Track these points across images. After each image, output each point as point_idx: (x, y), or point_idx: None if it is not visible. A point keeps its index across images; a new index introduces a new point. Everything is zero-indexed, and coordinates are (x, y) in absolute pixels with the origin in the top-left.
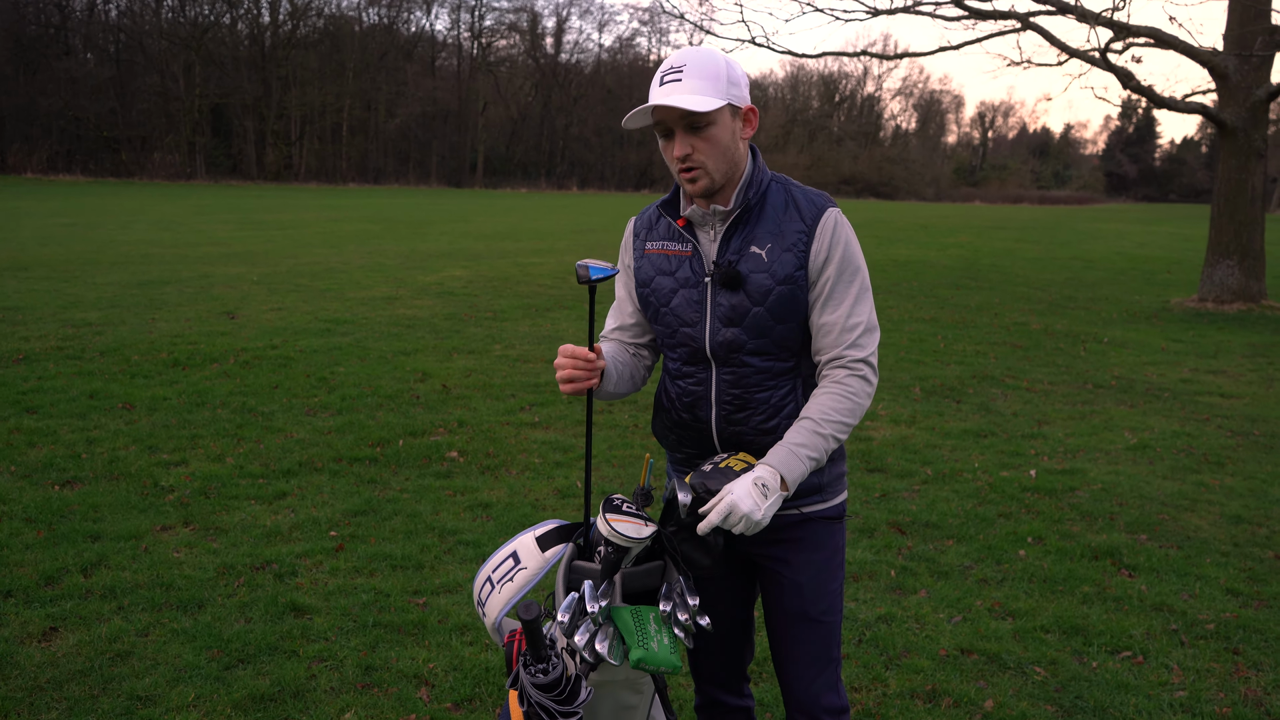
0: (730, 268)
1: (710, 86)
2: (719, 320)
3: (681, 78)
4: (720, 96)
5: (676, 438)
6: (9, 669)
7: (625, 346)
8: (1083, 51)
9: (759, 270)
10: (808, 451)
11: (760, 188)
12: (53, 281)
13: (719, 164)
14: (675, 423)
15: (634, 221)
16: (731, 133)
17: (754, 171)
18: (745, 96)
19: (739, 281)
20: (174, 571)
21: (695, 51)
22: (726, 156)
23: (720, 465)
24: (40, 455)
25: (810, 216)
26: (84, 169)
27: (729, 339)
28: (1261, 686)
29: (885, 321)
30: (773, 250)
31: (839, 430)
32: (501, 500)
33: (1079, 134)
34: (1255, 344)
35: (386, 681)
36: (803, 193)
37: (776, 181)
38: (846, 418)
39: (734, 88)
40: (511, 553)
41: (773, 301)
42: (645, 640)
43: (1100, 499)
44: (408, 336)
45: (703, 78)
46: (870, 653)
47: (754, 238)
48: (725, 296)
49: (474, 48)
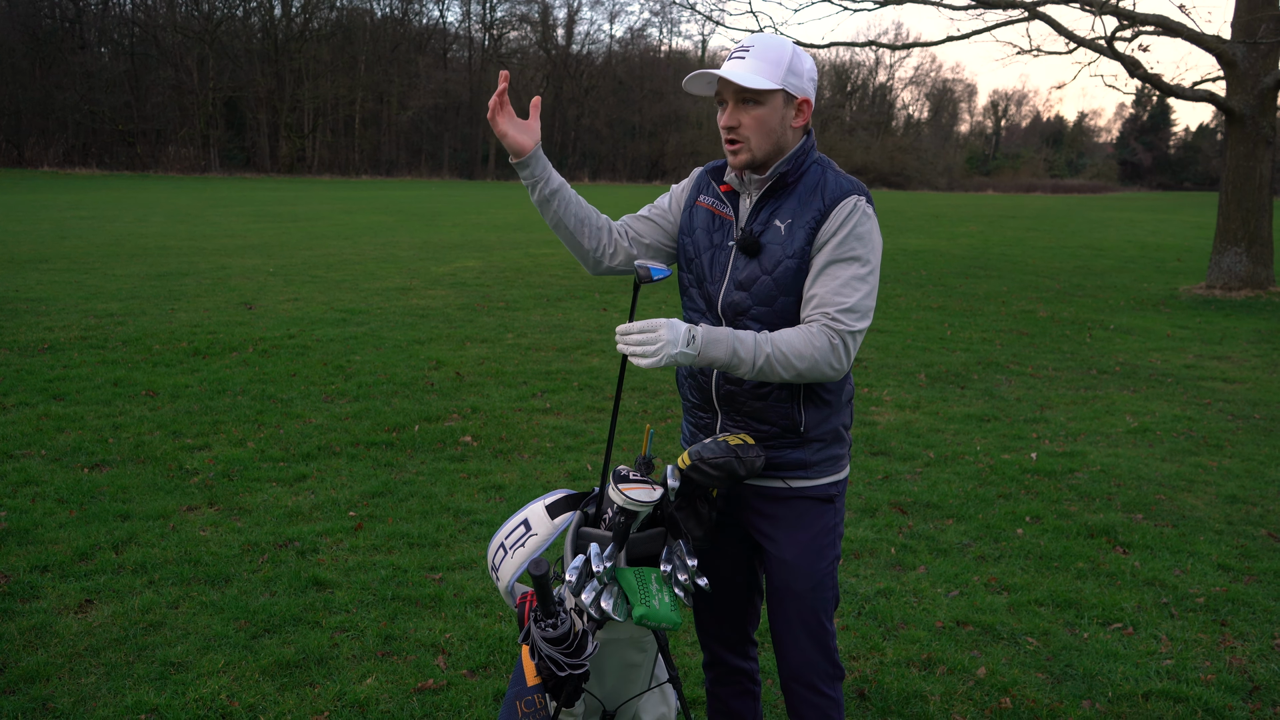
0: (752, 235)
1: (770, 69)
2: (733, 283)
3: (746, 56)
4: (775, 81)
5: (688, 387)
6: (49, 637)
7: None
8: (1090, 40)
9: (775, 242)
10: (736, 343)
11: (800, 168)
12: (73, 273)
13: (762, 142)
14: (687, 373)
15: (703, 169)
16: (781, 118)
17: (799, 152)
18: (805, 88)
19: (756, 249)
20: (201, 549)
21: (767, 35)
22: (771, 138)
23: (719, 440)
24: (69, 440)
25: (831, 199)
26: (100, 162)
27: (737, 301)
28: (1247, 656)
29: (893, 310)
30: (792, 226)
31: (781, 360)
32: (514, 482)
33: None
34: (1261, 330)
35: (405, 650)
36: (835, 177)
37: (818, 164)
38: (793, 357)
39: (793, 76)
40: (523, 520)
41: (780, 273)
42: (647, 598)
43: (1099, 480)
44: (422, 326)
45: (765, 60)
46: (869, 624)
47: (780, 211)
48: (744, 262)
49: (485, 39)
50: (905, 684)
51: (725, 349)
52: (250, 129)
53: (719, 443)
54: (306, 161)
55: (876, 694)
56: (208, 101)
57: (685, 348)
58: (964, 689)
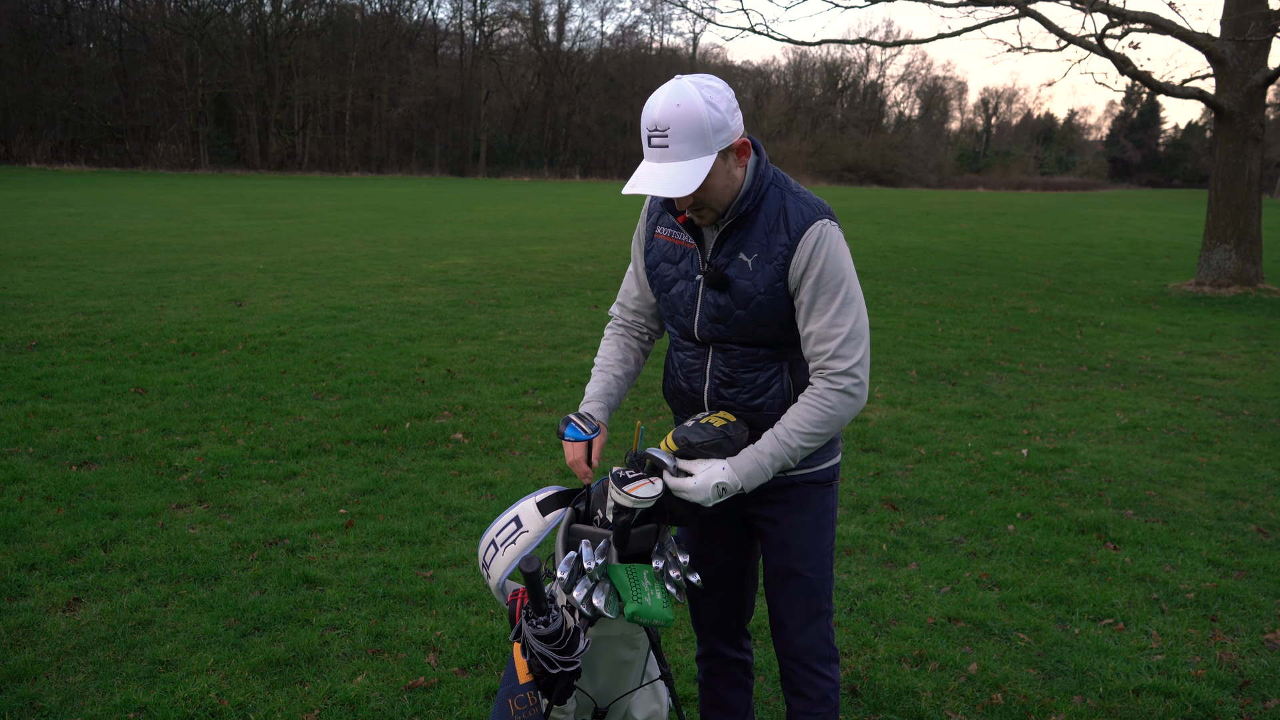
0: (718, 271)
1: (697, 146)
2: (707, 316)
3: (668, 143)
4: (708, 152)
5: (678, 402)
6: (36, 636)
7: (634, 327)
8: (1080, 37)
9: (744, 277)
10: (770, 461)
11: (756, 197)
12: (62, 270)
13: (721, 199)
14: (675, 389)
15: (650, 200)
16: (726, 173)
17: (753, 180)
18: (734, 132)
19: (725, 284)
20: (190, 546)
21: (676, 108)
22: (728, 191)
23: (701, 421)
24: (57, 437)
25: (796, 230)
26: (88, 159)
27: (716, 333)
28: (1237, 650)
29: (884, 307)
30: (758, 260)
31: (807, 440)
32: (505, 480)
33: (1083, 120)
34: (1250, 326)
35: (396, 648)
36: (796, 203)
37: (775, 187)
38: (817, 428)
39: (720, 134)
40: (514, 517)
41: (754, 308)
42: (639, 595)
43: (1089, 476)
44: (413, 323)
45: (688, 139)
46: (860, 621)
47: (744, 244)
48: (714, 296)
49: (476, 36)
50: (897, 680)
51: (761, 474)
52: (240, 126)
53: (704, 425)
54: (297, 158)
55: (868, 690)
56: (197, 98)
57: (724, 498)
58: (955, 685)
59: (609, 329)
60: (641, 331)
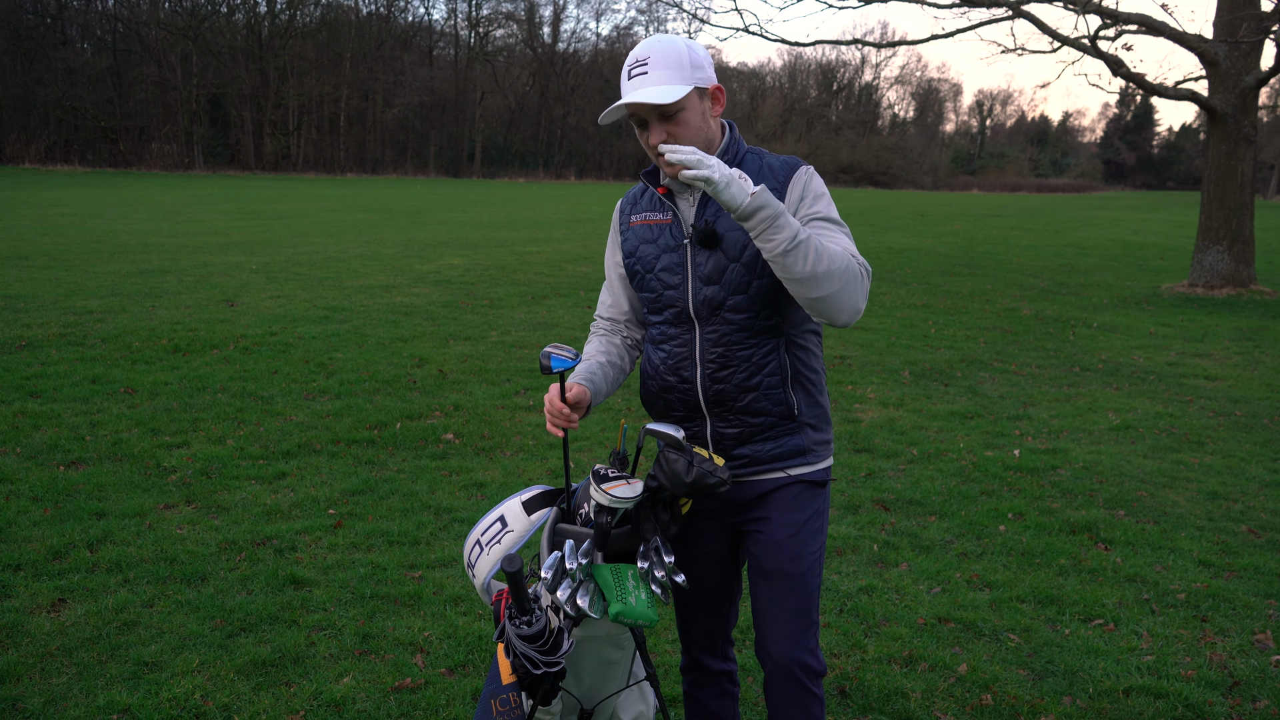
0: (708, 226)
1: (675, 75)
2: (699, 279)
3: (648, 70)
4: (686, 82)
5: (664, 403)
6: (20, 637)
7: (616, 329)
8: (1073, 39)
9: (734, 229)
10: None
11: (736, 157)
12: (53, 270)
13: (695, 140)
14: (662, 387)
15: (620, 201)
16: (701, 114)
17: (730, 143)
18: (710, 76)
19: (716, 240)
20: (177, 547)
21: (657, 41)
22: (700, 136)
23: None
24: (45, 437)
25: (783, 175)
26: (82, 159)
27: (709, 296)
28: (1227, 651)
29: (877, 307)
30: None
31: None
32: (496, 480)
33: (1077, 122)
34: (1242, 328)
35: (383, 649)
36: (777, 159)
37: (752, 153)
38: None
39: (698, 70)
40: (499, 517)
41: (749, 256)
42: (624, 595)
43: (1081, 477)
44: (405, 324)
45: (667, 67)
46: (850, 621)
47: None
48: (704, 255)
49: (471, 37)
50: (886, 681)
51: (776, 205)
52: (234, 126)
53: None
54: (291, 159)
55: (858, 691)
56: (191, 98)
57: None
58: (945, 686)
59: (591, 329)
60: (624, 334)
